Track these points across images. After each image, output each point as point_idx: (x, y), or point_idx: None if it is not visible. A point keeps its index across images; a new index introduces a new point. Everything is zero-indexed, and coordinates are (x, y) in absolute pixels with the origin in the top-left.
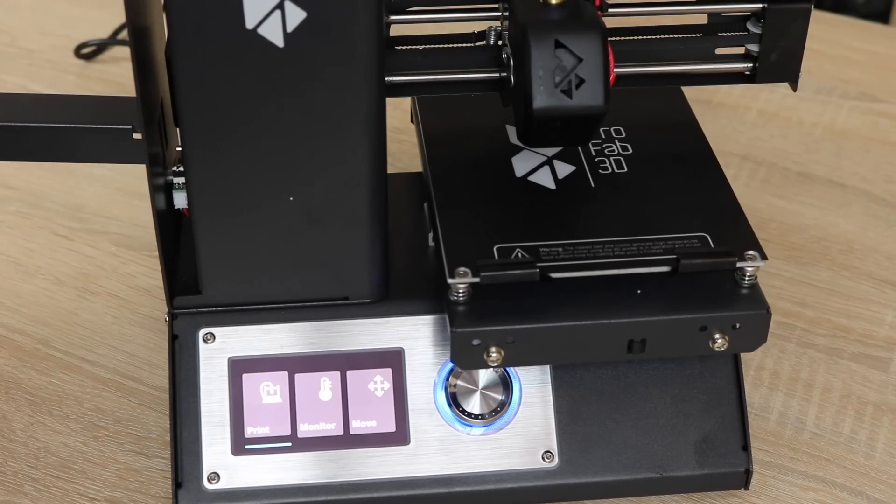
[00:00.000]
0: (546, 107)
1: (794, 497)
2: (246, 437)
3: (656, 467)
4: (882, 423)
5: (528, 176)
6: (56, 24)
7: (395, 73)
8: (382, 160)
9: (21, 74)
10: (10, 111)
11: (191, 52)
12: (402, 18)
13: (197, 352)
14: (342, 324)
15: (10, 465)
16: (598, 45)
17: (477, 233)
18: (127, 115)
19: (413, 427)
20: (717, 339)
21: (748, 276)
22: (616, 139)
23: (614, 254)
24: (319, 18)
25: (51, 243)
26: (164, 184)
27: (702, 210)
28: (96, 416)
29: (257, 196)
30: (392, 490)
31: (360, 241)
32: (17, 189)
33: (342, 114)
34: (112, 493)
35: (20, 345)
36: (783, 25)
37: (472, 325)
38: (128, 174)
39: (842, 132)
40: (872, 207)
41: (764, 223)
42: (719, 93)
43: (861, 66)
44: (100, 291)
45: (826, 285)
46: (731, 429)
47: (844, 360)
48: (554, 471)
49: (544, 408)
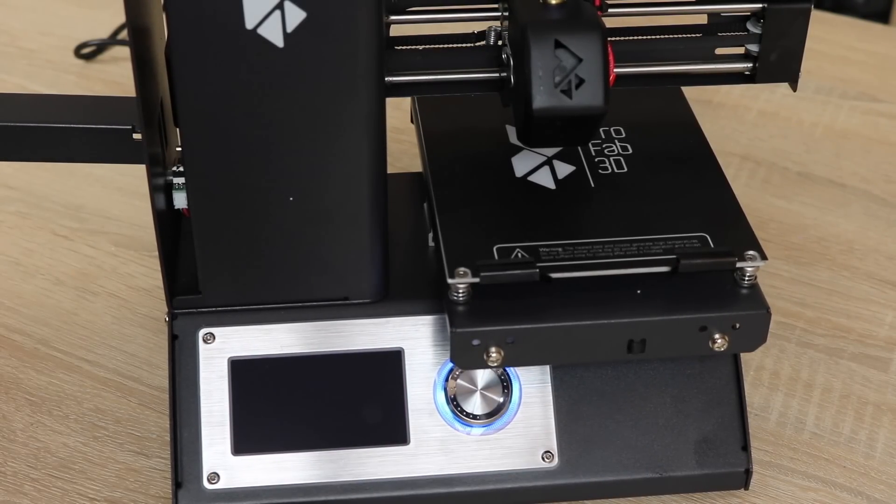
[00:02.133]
0: (546, 107)
1: (794, 497)
2: (246, 437)
3: (656, 467)
4: (882, 423)
5: (528, 176)
6: (56, 24)
7: (395, 73)
8: (382, 160)
9: (21, 74)
10: (10, 111)
11: (191, 52)
12: (402, 18)
13: (197, 352)
14: (342, 324)
15: (10, 465)
16: (598, 45)
17: (477, 233)
18: (127, 115)
19: (413, 427)
20: (716, 339)
21: (748, 276)
22: (616, 139)
23: (614, 254)
24: (319, 18)
25: (51, 243)
26: (164, 184)
27: (702, 210)
28: (96, 416)
29: (257, 196)
30: (392, 490)
31: (360, 241)
32: (17, 189)
33: (342, 114)
34: (112, 493)
35: (20, 345)
36: (783, 25)
37: (472, 326)
38: (128, 174)
39: (842, 132)
40: (872, 207)
41: (764, 223)
42: (719, 93)
43: (861, 66)
44: (100, 291)
45: (826, 285)
46: (730, 429)
47: (844, 360)
48: (554, 471)
49: (544, 408)
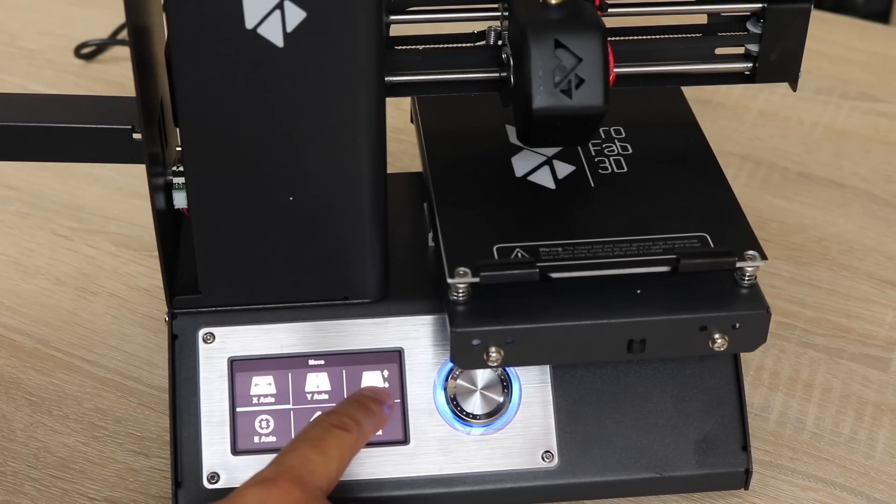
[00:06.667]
0: (546, 107)
1: (794, 497)
2: (246, 437)
3: (656, 467)
4: (882, 423)
5: (528, 176)
6: (56, 24)
7: (395, 73)
8: (382, 160)
9: (21, 74)
10: (10, 111)
11: (191, 52)
12: (402, 18)
13: (197, 352)
14: (342, 324)
15: (10, 465)
16: (598, 45)
17: (477, 233)
18: (127, 115)
19: (413, 427)
20: (716, 339)
21: (748, 276)
22: (616, 139)
23: (614, 254)
24: (319, 18)
25: (51, 243)
26: (164, 184)
27: (702, 210)
28: (96, 416)
29: (257, 196)
30: (392, 490)
31: (360, 241)
32: (17, 189)
33: (342, 114)
34: (112, 493)
35: (20, 345)
36: (783, 25)
37: (472, 325)
38: (128, 174)
39: (842, 132)
40: (872, 207)
41: (764, 223)
42: (719, 93)
43: (861, 66)
44: (100, 291)
45: (826, 285)
46: (730, 429)
47: (844, 360)
48: (554, 471)
49: (544, 408)
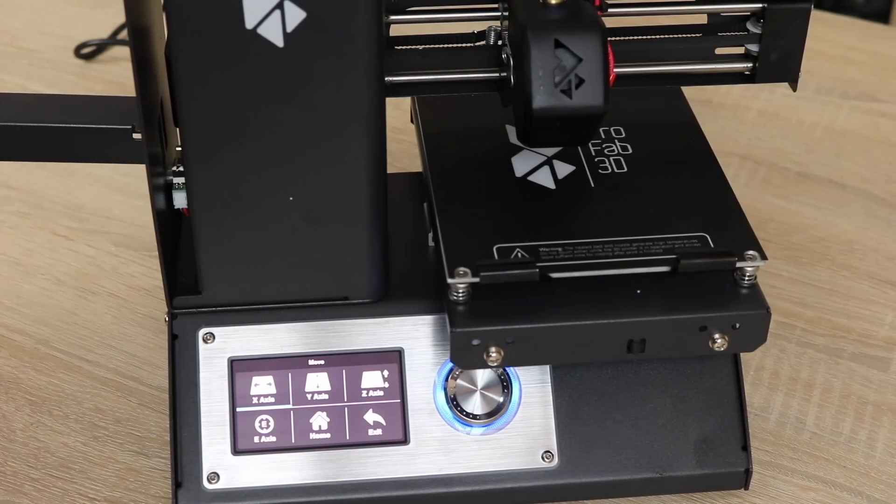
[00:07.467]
0: (546, 107)
1: (794, 497)
2: (246, 437)
3: (656, 467)
4: (882, 423)
5: (528, 176)
6: (56, 24)
7: (395, 73)
8: (382, 160)
9: (21, 74)
10: (10, 111)
11: (191, 52)
12: (402, 18)
13: (197, 352)
14: (342, 324)
15: (10, 465)
16: (598, 45)
17: (477, 233)
18: (127, 115)
19: (413, 427)
20: (716, 339)
21: (748, 276)
22: (616, 139)
23: (614, 254)
24: (319, 18)
25: (51, 243)
26: (164, 184)
27: (702, 210)
28: (96, 416)
29: (257, 196)
30: (392, 490)
31: (360, 241)
32: (17, 189)
33: (342, 114)
34: (112, 493)
35: (20, 345)
36: (783, 25)
37: (472, 325)
38: (128, 174)
39: (842, 132)
40: (872, 207)
41: (764, 223)
42: (719, 93)
43: (861, 66)
44: (100, 291)
45: (826, 285)
46: (730, 429)
47: (844, 360)
48: (554, 471)
49: (544, 408)
